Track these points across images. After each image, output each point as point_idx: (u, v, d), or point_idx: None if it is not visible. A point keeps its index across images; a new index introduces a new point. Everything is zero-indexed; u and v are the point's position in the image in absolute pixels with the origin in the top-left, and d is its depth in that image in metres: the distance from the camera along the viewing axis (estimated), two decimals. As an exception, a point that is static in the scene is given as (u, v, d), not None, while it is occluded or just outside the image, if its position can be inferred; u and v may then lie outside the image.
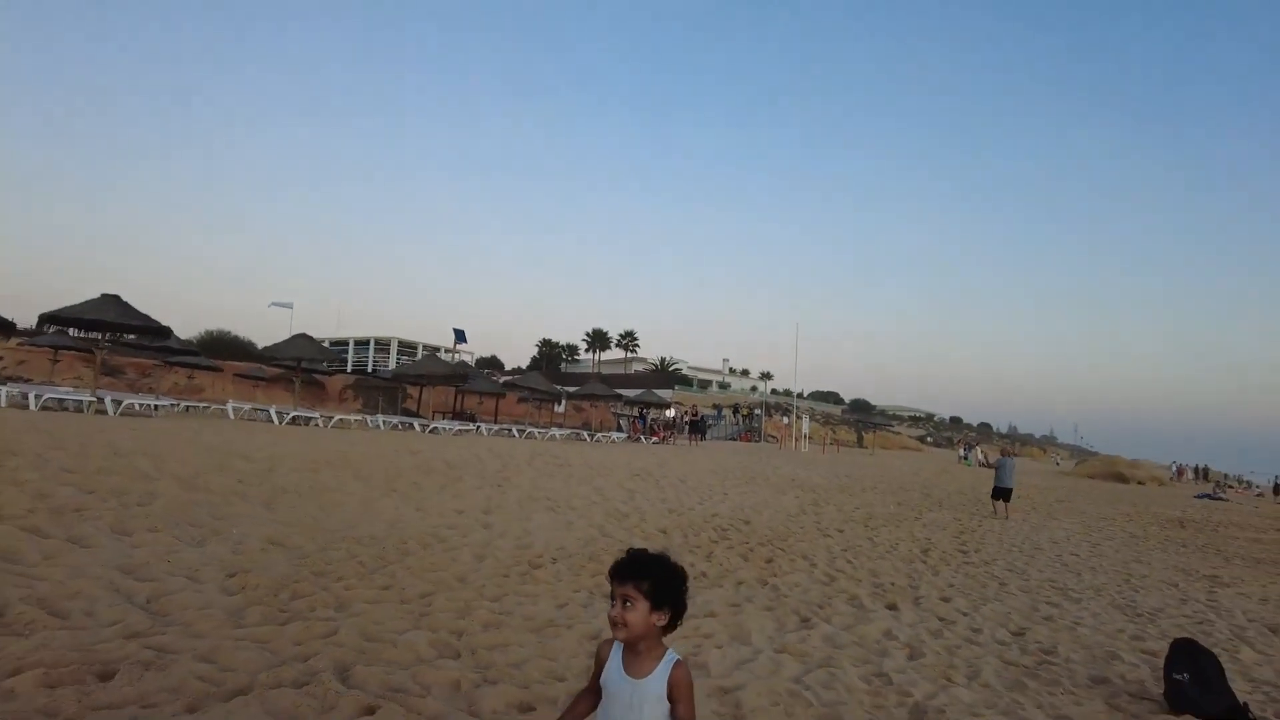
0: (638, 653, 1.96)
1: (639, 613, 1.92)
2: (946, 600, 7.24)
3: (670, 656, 1.97)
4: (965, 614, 6.76)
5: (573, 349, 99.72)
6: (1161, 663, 5.05)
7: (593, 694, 2.03)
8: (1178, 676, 4.69)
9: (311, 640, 4.07)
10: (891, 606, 6.72)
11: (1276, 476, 47.45)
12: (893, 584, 7.69)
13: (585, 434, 33.49)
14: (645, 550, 2.03)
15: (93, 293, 18.94)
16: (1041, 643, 6.01)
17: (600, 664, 2.02)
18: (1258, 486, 48.80)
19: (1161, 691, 4.82)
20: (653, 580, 1.94)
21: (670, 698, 1.92)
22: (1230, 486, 47.93)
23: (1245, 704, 4.57)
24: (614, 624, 1.94)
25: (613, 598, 1.97)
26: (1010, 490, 16.43)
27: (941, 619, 6.47)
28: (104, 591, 4.39)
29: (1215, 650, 5.90)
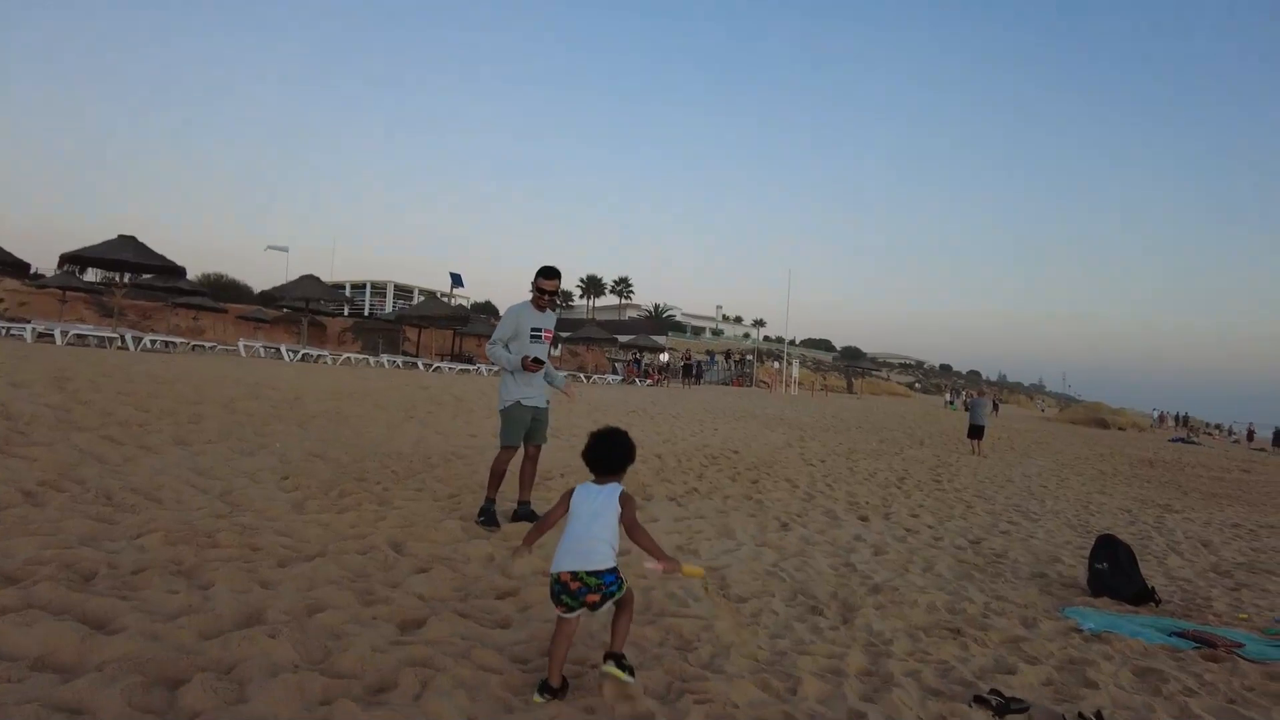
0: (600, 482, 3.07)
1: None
2: (915, 516, 8.05)
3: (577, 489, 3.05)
4: (930, 527, 7.57)
5: (568, 295, 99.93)
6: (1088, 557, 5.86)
7: (563, 509, 3.05)
8: (1098, 566, 5.51)
9: (364, 524, 4.82)
10: (863, 519, 7.54)
11: (1250, 424, 48.81)
12: (867, 503, 8.51)
13: (581, 376, 34.27)
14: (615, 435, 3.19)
15: (94, 234, 19.43)
16: (995, 549, 6.83)
17: (569, 495, 3.04)
18: (1234, 433, 50.12)
19: (1086, 579, 5.65)
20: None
21: (620, 500, 2.98)
22: (1207, 433, 49.23)
23: (1153, 588, 5.40)
24: None
25: None
26: (983, 428, 17.31)
27: (908, 529, 7.28)
28: (185, 486, 5.13)
29: (1145, 557, 6.75)
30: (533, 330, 5.53)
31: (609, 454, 3.09)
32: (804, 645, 3.69)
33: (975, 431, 17.18)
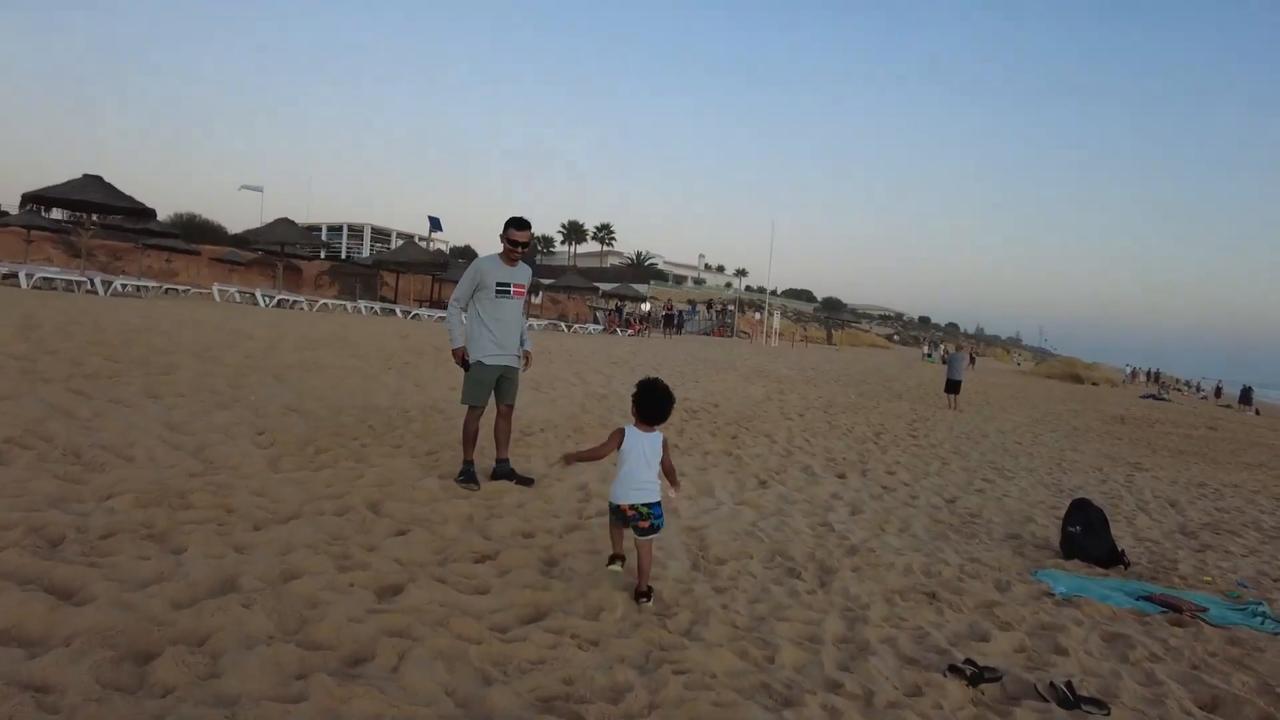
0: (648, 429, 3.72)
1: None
2: (891, 474, 8.14)
3: (627, 429, 3.71)
4: (906, 484, 7.66)
5: (548, 240, 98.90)
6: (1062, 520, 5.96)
7: (614, 446, 3.67)
8: (1071, 529, 5.60)
9: (341, 483, 4.76)
10: (841, 476, 7.60)
11: (1219, 381, 49.79)
12: (844, 459, 8.59)
13: (562, 325, 34.11)
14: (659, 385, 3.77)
15: (61, 174, 18.73)
16: (970, 508, 6.93)
17: (621, 436, 3.67)
18: (1202, 390, 51.14)
19: (1059, 542, 5.75)
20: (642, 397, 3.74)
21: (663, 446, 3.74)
22: (1178, 390, 50.20)
23: (1122, 550, 5.50)
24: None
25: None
26: (959, 383, 17.46)
27: (884, 487, 7.36)
28: (157, 442, 5.02)
29: (1115, 518, 6.87)
30: (499, 285, 5.21)
31: (662, 407, 3.71)
32: (782, 610, 3.72)
33: (952, 386, 17.33)
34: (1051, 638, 3.79)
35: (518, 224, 5.18)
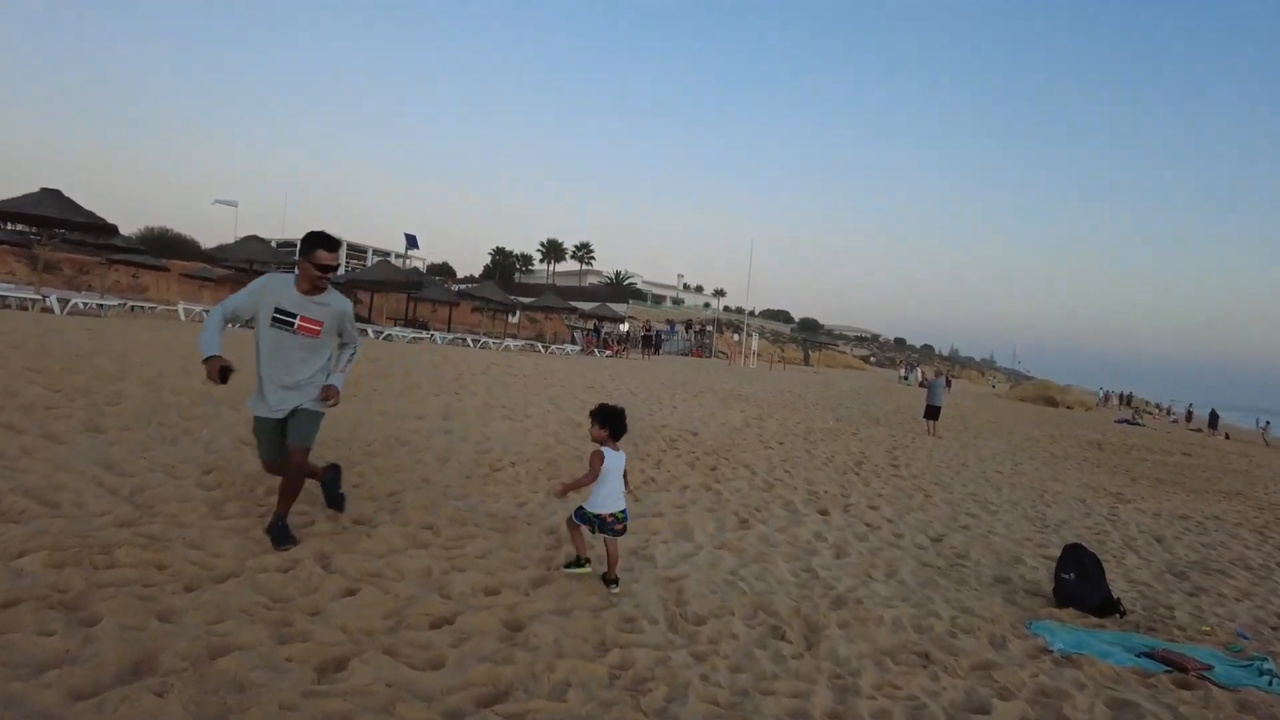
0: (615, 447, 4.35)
1: (595, 431, 4.33)
2: (874, 508, 7.88)
3: (606, 450, 4.31)
4: (890, 521, 7.40)
5: (527, 259, 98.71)
6: (1055, 565, 5.72)
7: (597, 472, 4.23)
8: (1065, 575, 5.36)
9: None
10: (823, 512, 7.32)
11: (1189, 405, 50.38)
12: (826, 492, 8.31)
13: (539, 345, 33.73)
14: (608, 404, 4.44)
15: (27, 187, 18.07)
16: (956, 548, 6.68)
17: (602, 457, 4.25)
18: (1173, 414, 51.71)
19: (1052, 589, 5.50)
20: (600, 413, 4.37)
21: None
22: (1149, 413, 50.72)
23: (1118, 599, 5.27)
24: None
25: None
26: (939, 409, 17.29)
27: (868, 525, 7.09)
28: (89, 484, 4.62)
29: (1105, 557, 6.65)
30: (278, 312, 4.07)
31: (625, 425, 4.41)
32: (767, 681, 3.41)
33: (932, 412, 17.18)
34: (1055, 707, 3.52)
35: (325, 242, 4.10)
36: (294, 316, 4.11)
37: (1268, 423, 38.16)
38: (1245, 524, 9.95)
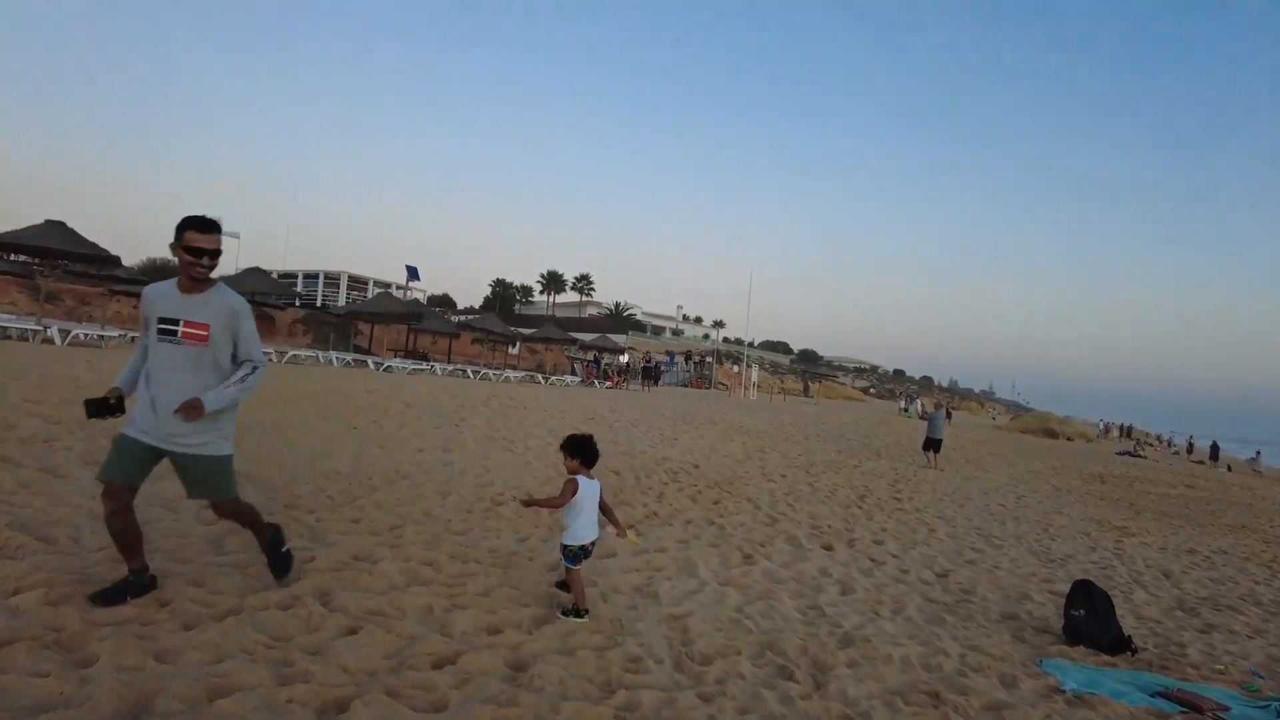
0: (589, 475, 4.35)
1: (569, 463, 4.36)
2: (879, 543, 7.80)
3: (580, 479, 4.29)
4: (895, 556, 7.32)
5: (527, 290, 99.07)
6: (1064, 602, 5.65)
7: (570, 496, 4.24)
8: (1074, 613, 5.28)
9: (291, 567, 4.33)
10: (828, 547, 7.24)
11: (1190, 436, 50.27)
12: (830, 526, 8.24)
13: (540, 377, 33.71)
14: (576, 434, 4.50)
15: (34, 218, 18.18)
16: (963, 584, 6.60)
17: (575, 485, 4.25)
18: (1174, 445, 51.55)
19: (1062, 626, 5.42)
20: (572, 445, 4.40)
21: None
22: (1150, 445, 50.55)
23: (1129, 636, 5.19)
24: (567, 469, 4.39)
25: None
26: (940, 441, 17.20)
27: (873, 560, 7.01)
28: (86, 519, 4.57)
29: (1113, 592, 6.56)
30: (161, 322, 3.41)
31: (596, 453, 4.45)
32: (775, 723, 3.33)
33: (933, 445, 17.11)
34: (1071, 750, 3.44)
35: (196, 223, 3.39)
36: (176, 323, 3.40)
37: (1258, 452, 38.11)
38: (1253, 558, 9.85)
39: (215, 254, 3.44)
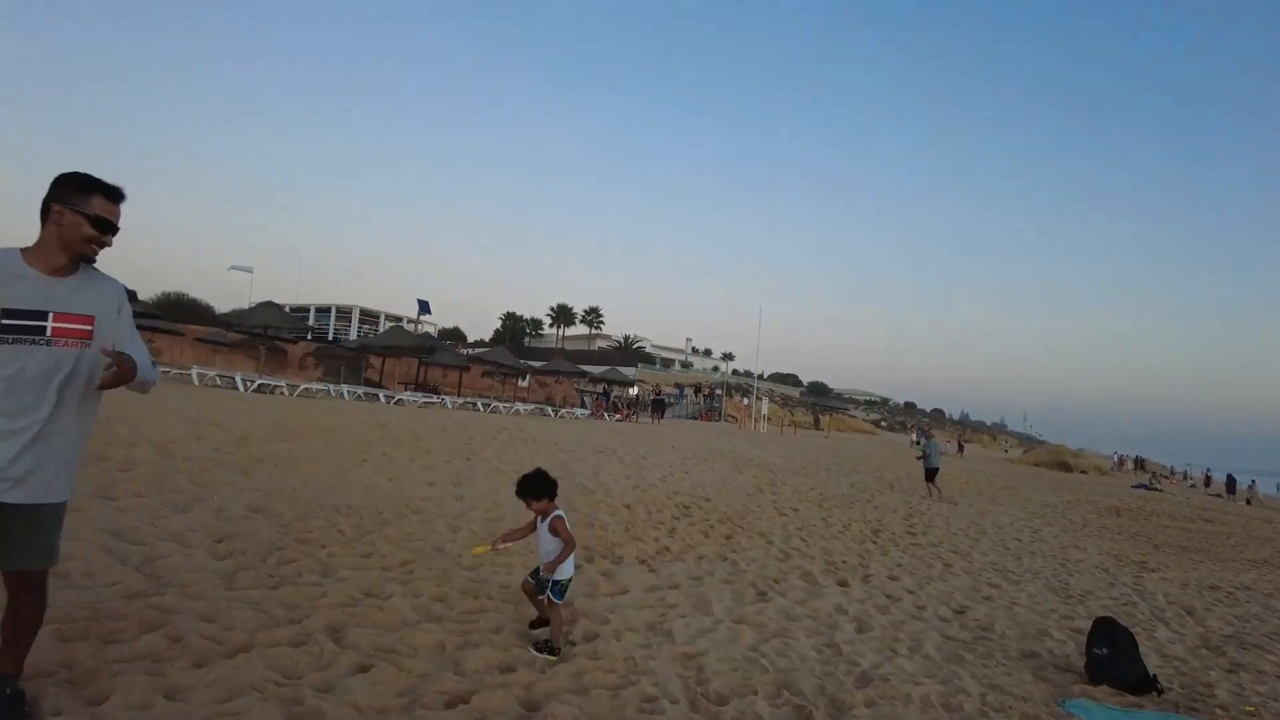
0: (544, 513, 4.36)
1: (538, 505, 4.36)
2: (894, 579, 7.69)
3: (556, 512, 4.37)
4: (911, 592, 7.21)
5: (537, 323, 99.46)
6: (1085, 639, 5.54)
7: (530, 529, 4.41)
8: (1097, 651, 5.17)
9: (302, 602, 4.31)
10: (843, 583, 7.15)
11: (1208, 469, 49.67)
12: (844, 562, 8.14)
13: (549, 410, 33.70)
14: (527, 475, 4.45)
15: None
16: (980, 620, 6.48)
17: (534, 522, 4.38)
18: (1191, 479, 50.91)
19: (1084, 664, 5.31)
20: (532, 487, 4.36)
21: (551, 528, 4.31)
22: (1166, 477, 49.94)
23: (1154, 675, 5.07)
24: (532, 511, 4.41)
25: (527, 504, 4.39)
26: (937, 470, 17.74)
27: (889, 596, 6.91)
28: (99, 553, 4.56)
29: (1135, 629, 6.43)
30: (8, 316, 2.45)
31: (553, 482, 4.44)
32: (794, 766, 3.26)
33: (930, 474, 17.65)
34: (1098, 795, 3.35)
35: (109, 191, 2.58)
36: (44, 317, 2.48)
37: (1253, 481, 37.60)
38: (1278, 594, 9.65)
39: (113, 233, 2.61)
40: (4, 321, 2.44)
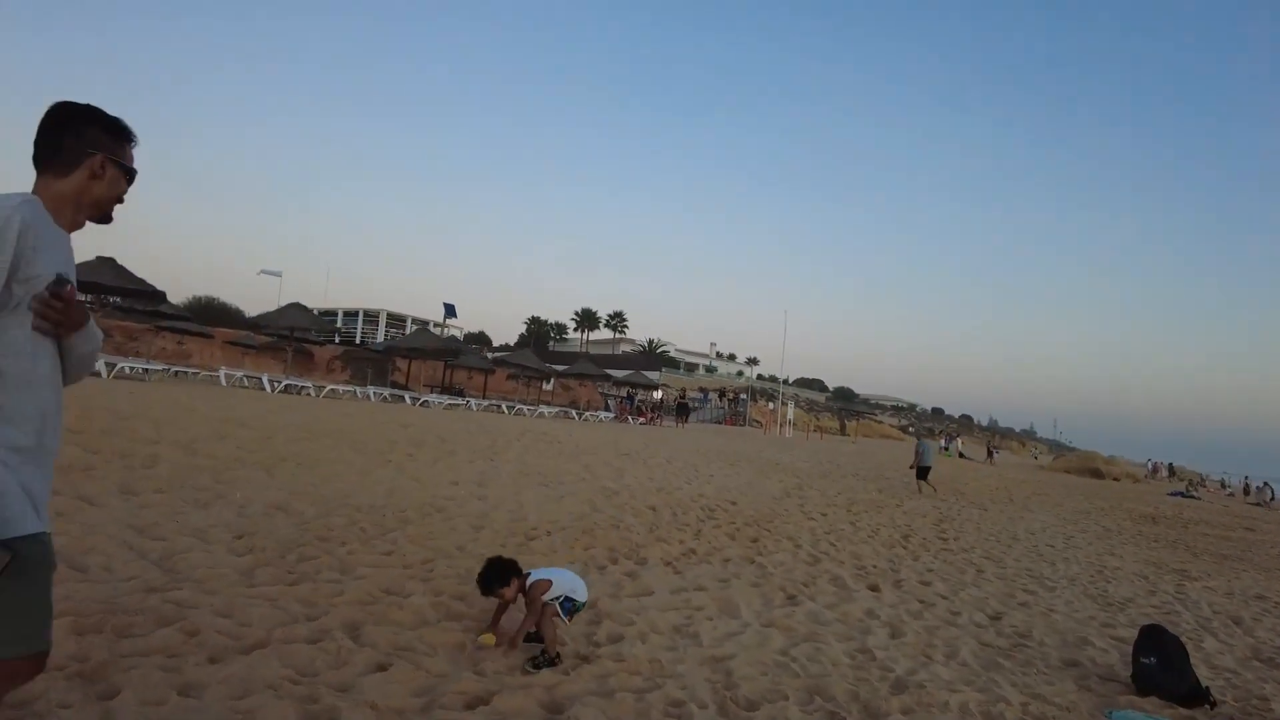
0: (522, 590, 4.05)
1: (509, 591, 4.05)
2: (926, 584, 7.47)
3: (530, 577, 4.08)
4: (944, 597, 6.99)
5: (561, 328, 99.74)
6: (1130, 649, 5.30)
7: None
8: (1145, 660, 4.94)
9: (320, 599, 4.22)
10: (874, 588, 6.95)
11: (1246, 477, 48.43)
12: (874, 566, 7.93)
13: (573, 412, 33.66)
14: (481, 570, 4.12)
15: (85, 254, 18.76)
16: (1017, 627, 6.25)
17: (545, 586, 4.01)
18: (1229, 487, 49.66)
19: (1129, 674, 5.07)
20: (491, 580, 4.05)
21: (529, 596, 4.00)
22: (1203, 485, 48.78)
23: (1207, 687, 4.83)
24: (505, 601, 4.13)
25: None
26: (929, 469, 18.29)
27: (921, 601, 6.70)
28: (118, 548, 4.52)
29: (1180, 639, 6.18)
30: (59, 284, 1.84)
31: (497, 571, 4.07)
32: (829, 775, 3.10)
33: (921, 473, 18.12)
34: (1153, 812, 3.15)
35: (135, 139, 2.05)
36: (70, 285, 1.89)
37: (1264, 483, 36.51)
38: (1328, 606, 9.27)
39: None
40: (54, 289, 1.82)
